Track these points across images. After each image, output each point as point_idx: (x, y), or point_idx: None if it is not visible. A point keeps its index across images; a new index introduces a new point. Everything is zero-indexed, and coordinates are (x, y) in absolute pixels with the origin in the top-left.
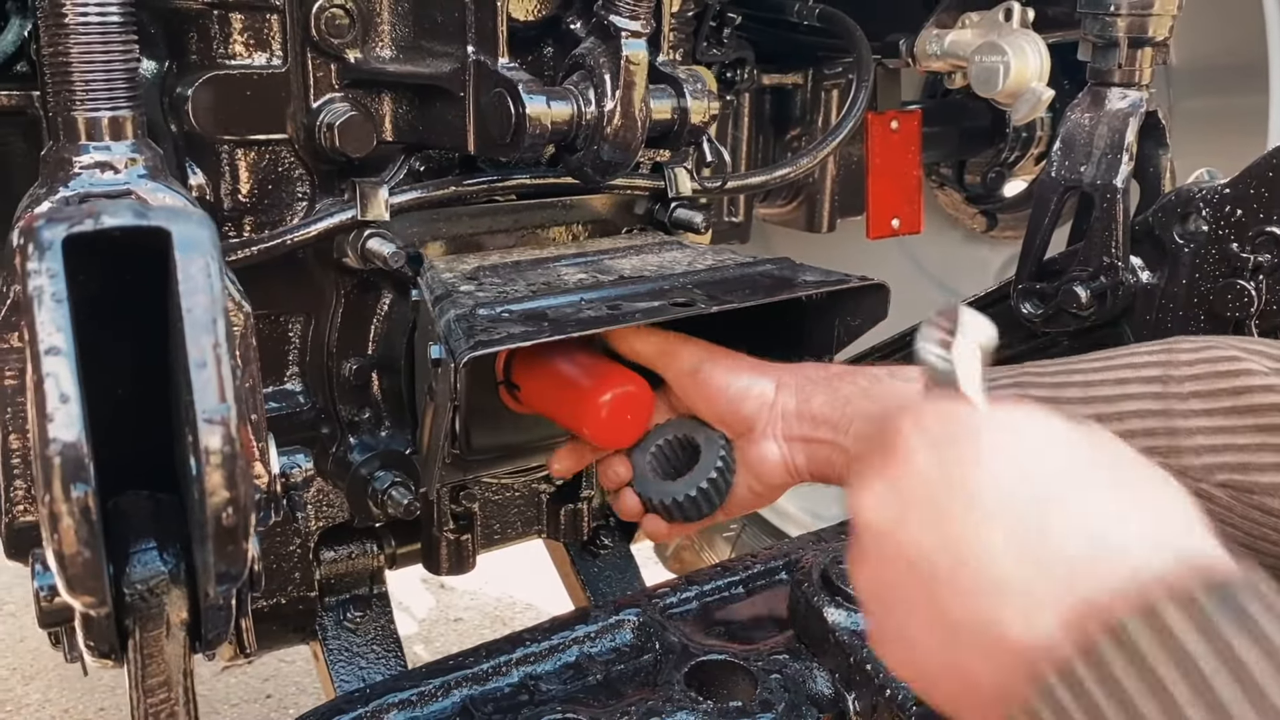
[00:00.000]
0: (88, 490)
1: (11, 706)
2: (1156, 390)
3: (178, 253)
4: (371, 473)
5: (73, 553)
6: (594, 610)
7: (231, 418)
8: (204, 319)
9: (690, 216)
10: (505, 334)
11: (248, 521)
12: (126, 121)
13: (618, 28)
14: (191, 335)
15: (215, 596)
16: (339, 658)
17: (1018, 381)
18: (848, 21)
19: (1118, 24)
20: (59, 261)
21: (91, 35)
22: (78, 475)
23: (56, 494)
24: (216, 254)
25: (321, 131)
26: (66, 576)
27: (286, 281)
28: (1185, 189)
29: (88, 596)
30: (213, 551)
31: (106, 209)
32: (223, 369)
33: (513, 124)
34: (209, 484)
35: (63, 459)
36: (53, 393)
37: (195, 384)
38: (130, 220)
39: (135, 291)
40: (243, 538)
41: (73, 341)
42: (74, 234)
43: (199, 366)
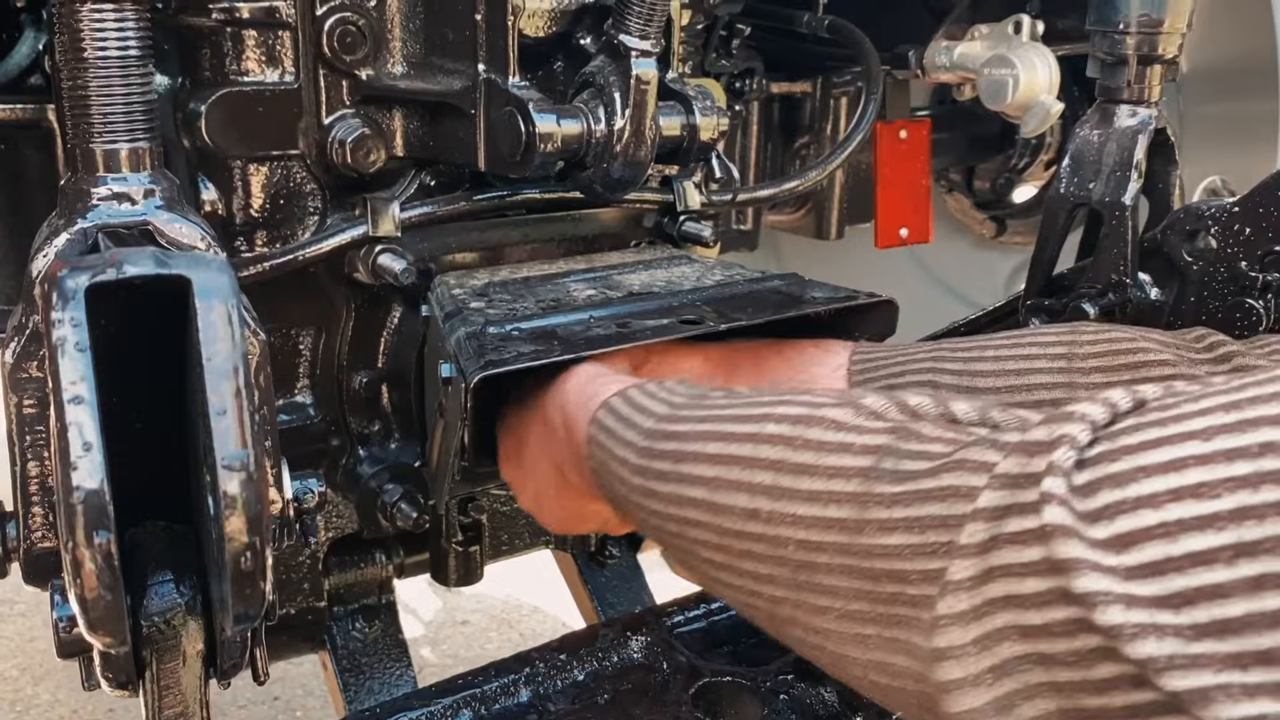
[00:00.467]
0: (109, 537)
1: (21, 707)
2: (1061, 365)
3: (198, 300)
4: (381, 485)
5: (94, 597)
6: (602, 630)
7: (251, 463)
8: (224, 366)
9: (699, 230)
10: (515, 353)
11: (265, 565)
12: (144, 153)
13: (628, 47)
14: (212, 383)
15: (233, 635)
16: (347, 667)
17: (933, 356)
18: (857, 33)
19: (1127, 42)
20: (82, 311)
21: (110, 70)
22: (100, 523)
23: (79, 540)
24: (236, 300)
25: (333, 147)
26: (89, 619)
27: (298, 295)
28: (1194, 206)
29: (108, 637)
30: (231, 594)
31: (129, 257)
32: (243, 416)
33: (523, 142)
34: (229, 529)
35: (85, 506)
36: (76, 441)
37: (215, 431)
38: (152, 269)
39: (154, 325)
40: (261, 580)
41: (95, 390)
42: (97, 283)
43: (219, 414)
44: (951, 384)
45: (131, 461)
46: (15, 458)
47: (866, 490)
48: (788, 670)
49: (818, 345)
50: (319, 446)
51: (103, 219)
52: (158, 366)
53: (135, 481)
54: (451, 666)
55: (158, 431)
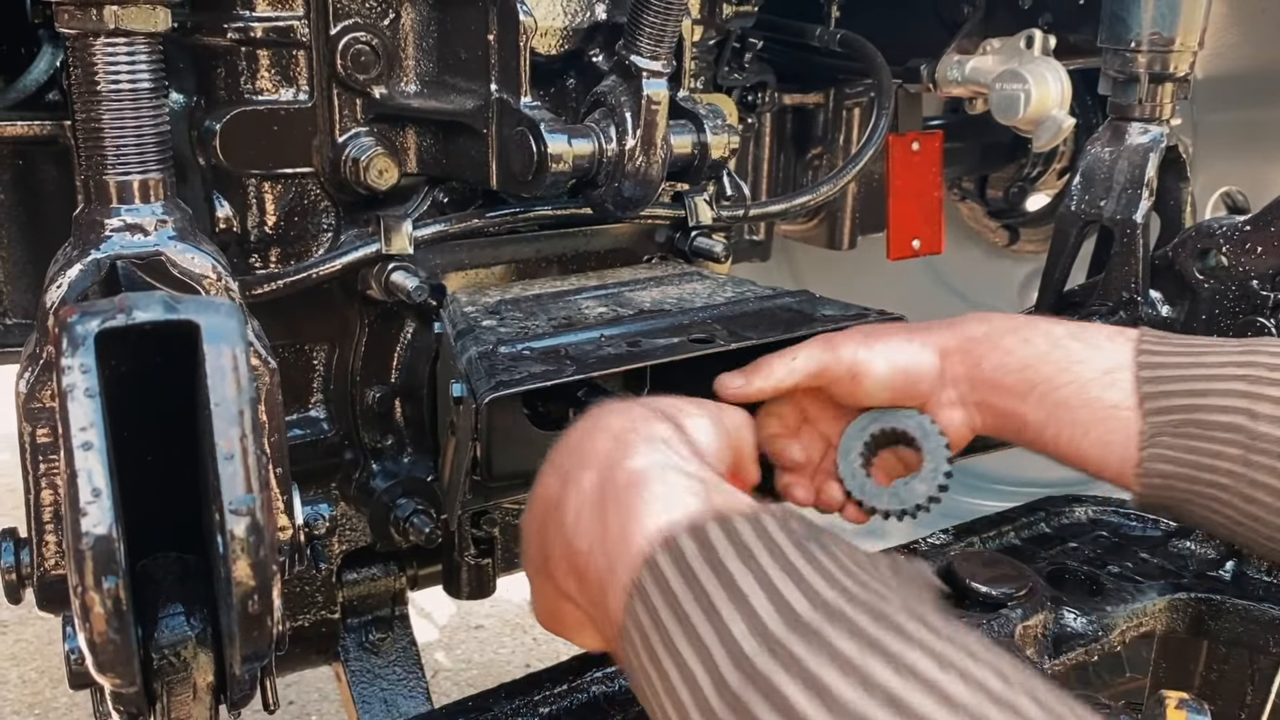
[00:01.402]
0: (118, 582)
1: (41, 710)
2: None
3: (206, 345)
4: (394, 499)
5: (103, 640)
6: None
7: (258, 507)
8: (231, 411)
9: (710, 245)
10: (526, 373)
11: (272, 605)
12: (156, 184)
13: (639, 67)
14: (219, 428)
15: (242, 674)
16: (361, 679)
17: (1245, 375)
18: (869, 47)
19: (1138, 60)
20: (92, 357)
21: (123, 102)
22: (109, 568)
23: (89, 584)
24: (244, 344)
25: (347, 165)
26: (97, 661)
27: (311, 311)
28: (1205, 224)
29: (117, 679)
30: (239, 636)
31: (138, 302)
32: (249, 460)
33: (534, 161)
34: (236, 573)
35: (95, 552)
36: (85, 487)
37: (223, 475)
38: (161, 315)
39: (166, 360)
40: (268, 621)
41: (105, 435)
42: (106, 329)
43: (226, 459)
44: (1273, 414)
45: (143, 493)
46: (29, 485)
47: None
48: None
49: (1082, 335)
50: (332, 461)
51: (115, 250)
52: (170, 400)
53: (147, 513)
54: (465, 671)
55: (170, 463)
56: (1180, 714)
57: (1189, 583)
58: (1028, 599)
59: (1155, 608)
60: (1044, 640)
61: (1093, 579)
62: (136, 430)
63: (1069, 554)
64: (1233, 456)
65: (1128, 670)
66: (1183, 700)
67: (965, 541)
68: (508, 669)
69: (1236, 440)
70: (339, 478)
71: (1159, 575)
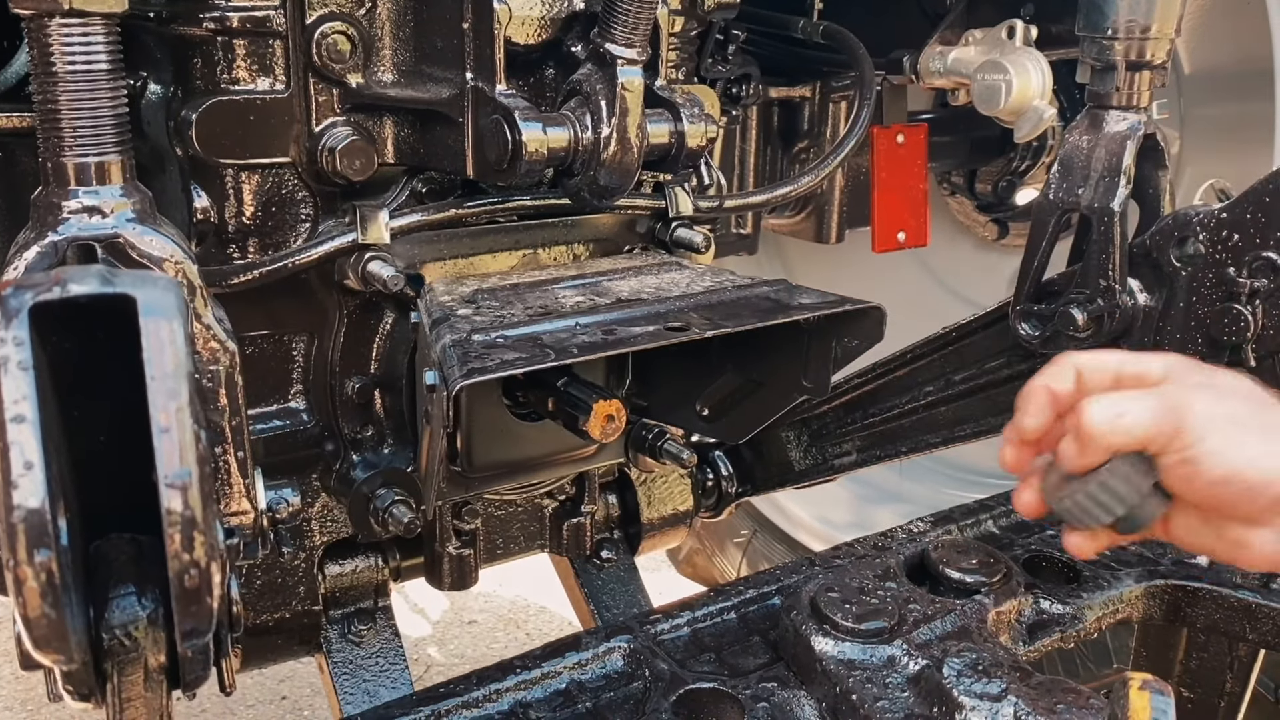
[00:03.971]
0: (51, 555)
1: (33, 705)
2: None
3: (143, 318)
4: (373, 490)
5: (36, 615)
6: (585, 637)
7: (193, 482)
8: (169, 385)
9: (690, 236)
10: (499, 360)
11: (210, 581)
12: (114, 166)
13: (613, 55)
14: (157, 401)
15: (184, 650)
16: (343, 670)
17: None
18: (851, 39)
19: (1115, 48)
20: (25, 329)
21: (80, 83)
22: (41, 540)
23: (21, 558)
24: (182, 319)
25: (323, 155)
26: (32, 636)
27: (290, 302)
28: (1183, 212)
29: (54, 654)
30: (177, 611)
31: (74, 276)
32: (185, 435)
33: (509, 150)
34: (170, 548)
35: (26, 525)
36: (17, 460)
37: (159, 449)
38: (96, 288)
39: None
40: (206, 596)
41: (38, 409)
42: (40, 302)
43: (162, 431)
44: None
45: (98, 476)
46: None
47: None
48: (769, 679)
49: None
50: (312, 452)
51: (73, 232)
52: (122, 382)
53: (104, 497)
54: (458, 665)
55: (125, 445)
56: (1143, 695)
57: (1165, 569)
58: (1001, 585)
59: (1132, 594)
60: (1019, 626)
61: (1069, 566)
62: (88, 413)
63: (1046, 542)
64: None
65: (1114, 661)
66: (1146, 681)
67: (943, 529)
68: None
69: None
70: (319, 469)
71: (1136, 563)
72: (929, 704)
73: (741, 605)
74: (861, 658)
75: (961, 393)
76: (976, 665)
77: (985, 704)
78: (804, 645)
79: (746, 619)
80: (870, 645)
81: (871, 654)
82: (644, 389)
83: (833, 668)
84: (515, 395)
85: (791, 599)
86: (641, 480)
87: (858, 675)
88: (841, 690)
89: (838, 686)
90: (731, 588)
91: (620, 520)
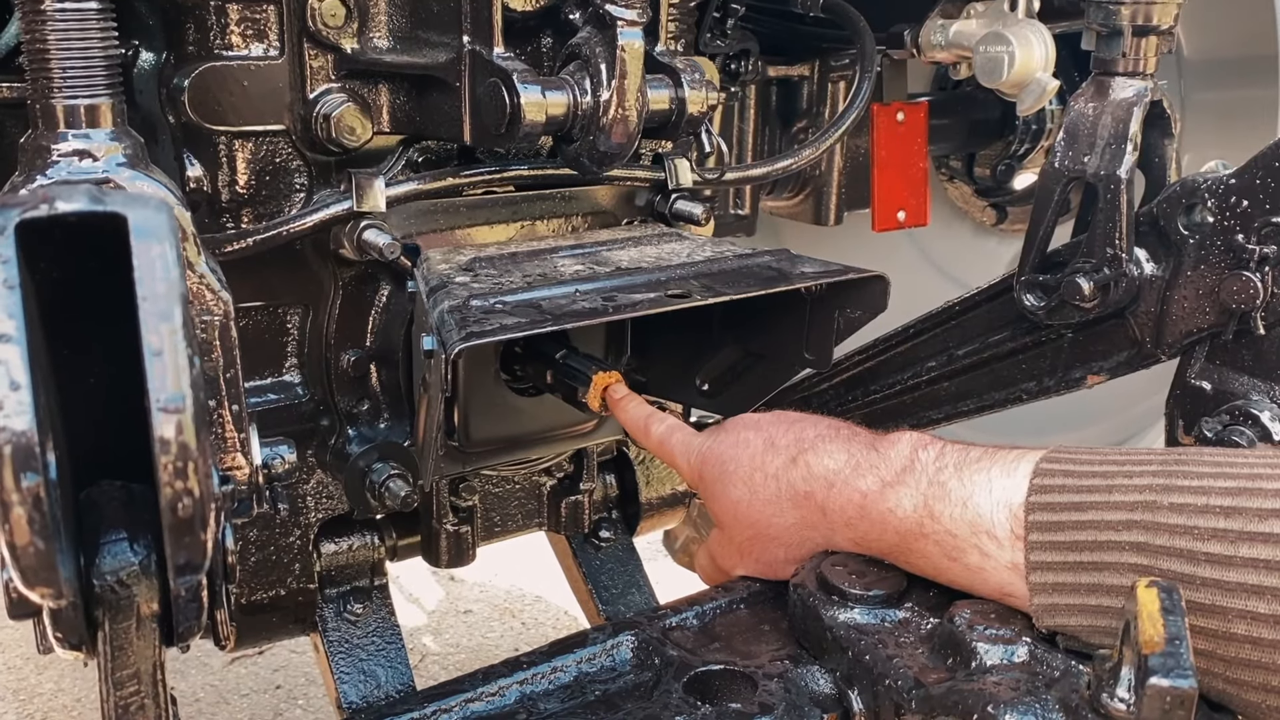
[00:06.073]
0: (39, 480)
1: (25, 695)
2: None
3: (134, 239)
4: (369, 464)
5: (25, 543)
6: (592, 633)
7: (188, 406)
8: (161, 307)
9: (690, 208)
10: (498, 325)
11: (205, 513)
12: (105, 109)
13: (613, 17)
14: (148, 323)
15: (177, 588)
16: (339, 650)
17: (1144, 522)
18: (852, 12)
19: (1122, 12)
20: (11, 247)
21: (69, 22)
22: (28, 464)
23: (7, 484)
24: (175, 239)
25: (318, 122)
26: (20, 568)
27: (285, 273)
28: (1190, 179)
29: (43, 588)
30: (170, 543)
31: (61, 194)
32: (179, 358)
33: (508, 114)
34: (163, 475)
35: (13, 448)
36: (3, 380)
37: (151, 372)
38: (85, 205)
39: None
40: (200, 529)
41: (24, 328)
42: (27, 219)
43: (155, 354)
44: (1176, 572)
45: (87, 419)
46: None
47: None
48: (782, 657)
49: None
50: (307, 426)
51: (63, 175)
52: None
53: (92, 441)
54: (454, 655)
55: (117, 391)
56: (1150, 590)
57: None
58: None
59: None
60: None
61: None
62: (77, 352)
63: None
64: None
65: None
66: (1153, 580)
67: None
68: (496, 653)
69: None
70: (314, 443)
71: None
72: (943, 656)
73: (751, 599)
74: (872, 622)
75: (965, 367)
76: (987, 614)
77: (999, 646)
78: (813, 617)
79: (757, 611)
80: (880, 610)
81: (882, 618)
82: (643, 363)
83: (843, 634)
84: (513, 369)
85: (798, 575)
86: (640, 459)
87: (869, 639)
88: (854, 654)
89: (850, 651)
90: (740, 583)
91: (619, 500)
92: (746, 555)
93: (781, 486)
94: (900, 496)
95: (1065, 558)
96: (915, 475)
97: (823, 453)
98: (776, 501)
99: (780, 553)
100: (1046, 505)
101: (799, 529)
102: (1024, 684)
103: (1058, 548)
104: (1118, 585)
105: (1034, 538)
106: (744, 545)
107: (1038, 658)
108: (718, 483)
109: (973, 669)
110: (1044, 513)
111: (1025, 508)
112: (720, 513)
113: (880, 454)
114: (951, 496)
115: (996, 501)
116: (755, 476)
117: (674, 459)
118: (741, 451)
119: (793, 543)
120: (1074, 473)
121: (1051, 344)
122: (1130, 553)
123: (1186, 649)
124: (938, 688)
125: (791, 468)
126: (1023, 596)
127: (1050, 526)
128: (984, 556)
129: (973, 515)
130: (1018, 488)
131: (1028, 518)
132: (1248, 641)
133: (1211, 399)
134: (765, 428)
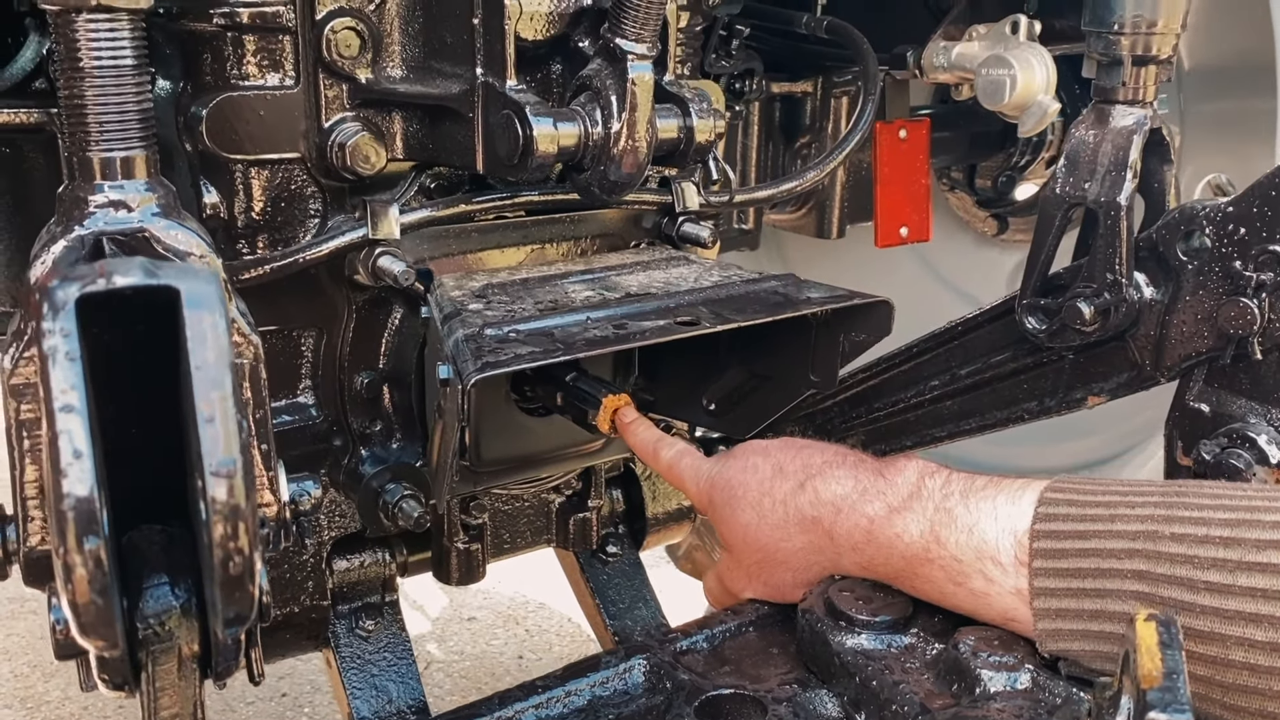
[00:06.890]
0: (100, 543)
1: (33, 703)
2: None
3: (186, 310)
4: (382, 485)
5: (85, 601)
6: (605, 657)
7: (238, 470)
8: (212, 375)
9: (697, 231)
10: (512, 355)
11: (254, 569)
12: (140, 160)
13: (624, 51)
14: (200, 391)
15: (224, 638)
16: (351, 665)
17: (1145, 552)
18: (855, 34)
19: (1121, 42)
20: (73, 322)
21: (105, 78)
22: (90, 529)
23: (71, 546)
24: (223, 310)
25: (333, 151)
26: (80, 623)
27: (299, 297)
28: (1189, 206)
29: (100, 641)
30: (220, 599)
31: (118, 268)
32: (229, 424)
33: (520, 145)
34: (215, 535)
35: (76, 513)
36: (67, 449)
37: (204, 438)
38: (141, 280)
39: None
40: (249, 584)
41: (85, 399)
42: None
43: (207, 421)
44: (1176, 599)
45: (129, 466)
46: (14, 462)
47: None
48: (789, 681)
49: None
50: (321, 446)
51: (99, 226)
52: (153, 372)
53: (133, 485)
54: (458, 662)
55: (156, 436)
56: (1149, 625)
57: None
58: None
59: None
60: None
61: None
62: (120, 404)
63: None
64: None
65: None
66: (1151, 614)
67: None
68: (500, 661)
69: None
70: (328, 464)
71: None
72: (948, 682)
73: (760, 622)
74: (879, 648)
75: (967, 386)
76: (991, 641)
77: (1002, 673)
78: (821, 642)
79: (766, 634)
80: (887, 635)
81: (889, 643)
82: (650, 384)
83: (851, 659)
84: (523, 390)
85: (807, 600)
86: (646, 475)
87: (876, 664)
88: (861, 679)
89: (857, 677)
90: (749, 606)
91: (625, 515)
92: (754, 579)
93: (789, 511)
94: (907, 522)
95: (1069, 584)
96: (922, 501)
97: (830, 478)
98: (784, 526)
99: (788, 576)
100: (1051, 533)
101: (806, 553)
102: (1026, 711)
103: (1062, 574)
104: (1120, 611)
105: (1039, 564)
106: (752, 569)
107: (1040, 685)
108: (726, 507)
109: (977, 695)
110: (1049, 540)
111: (1030, 535)
112: (729, 536)
113: (887, 480)
114: (958, 523)
115: (1002, 528)
116: (764, 501)
117: (683, 483)
118: (750, 477)
119: (800, 567)
120: (1078, 502)
121: (1053, 365)
122: (1132, 580)
123: (1184, 683)
124: (943, 714)
125: (799, 493)
126: (1026, 622)
127: (1055, 554)
128: (989, 582)
129: (978, 541)
130: (1023, 515)
131: (1033, 545)
132: (1245, 668)
133: (1210, 421)
134: (774, 454)
